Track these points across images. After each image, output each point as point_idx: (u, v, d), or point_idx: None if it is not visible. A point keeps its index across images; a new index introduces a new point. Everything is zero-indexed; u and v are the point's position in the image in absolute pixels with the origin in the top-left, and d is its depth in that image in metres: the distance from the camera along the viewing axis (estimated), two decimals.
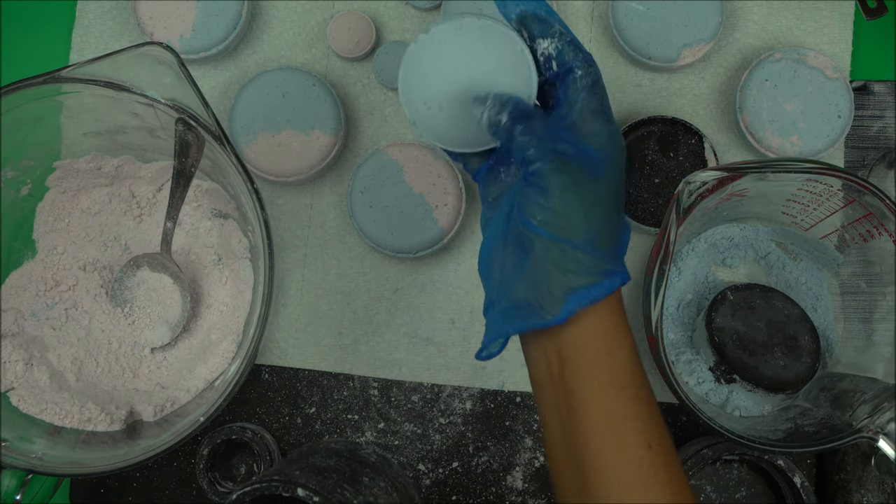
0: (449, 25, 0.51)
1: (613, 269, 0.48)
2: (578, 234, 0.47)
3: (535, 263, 0.48)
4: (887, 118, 0.74)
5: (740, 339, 0.66)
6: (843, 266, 0.68)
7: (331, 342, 0.73)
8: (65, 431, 0.65)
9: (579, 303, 0.47)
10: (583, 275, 0.47)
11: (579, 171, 0.47)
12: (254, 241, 0.68)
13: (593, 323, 0.48)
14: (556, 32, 0.50)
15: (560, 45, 0.49)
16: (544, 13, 0.50)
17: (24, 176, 0.67)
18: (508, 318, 0.49)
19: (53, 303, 0.69)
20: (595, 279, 0.47)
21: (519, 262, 0.48)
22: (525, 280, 0.48)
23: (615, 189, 0.49)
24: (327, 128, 0.72)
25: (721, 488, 0.70)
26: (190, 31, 0.73)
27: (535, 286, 0.48)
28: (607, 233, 0.48)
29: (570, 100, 0.49)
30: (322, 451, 0.58)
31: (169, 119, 0.61)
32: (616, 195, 0.49)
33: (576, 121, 0.48)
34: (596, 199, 0.48)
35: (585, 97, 0.49)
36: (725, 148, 0.74)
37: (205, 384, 0.67)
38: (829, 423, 0.61)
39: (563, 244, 0.47)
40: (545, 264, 0.47)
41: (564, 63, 0.49)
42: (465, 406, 0.73)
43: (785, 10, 0.74)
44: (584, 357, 0.48)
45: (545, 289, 0.47)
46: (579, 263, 0.47)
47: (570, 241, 0.47)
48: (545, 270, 0.47)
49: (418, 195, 0.71)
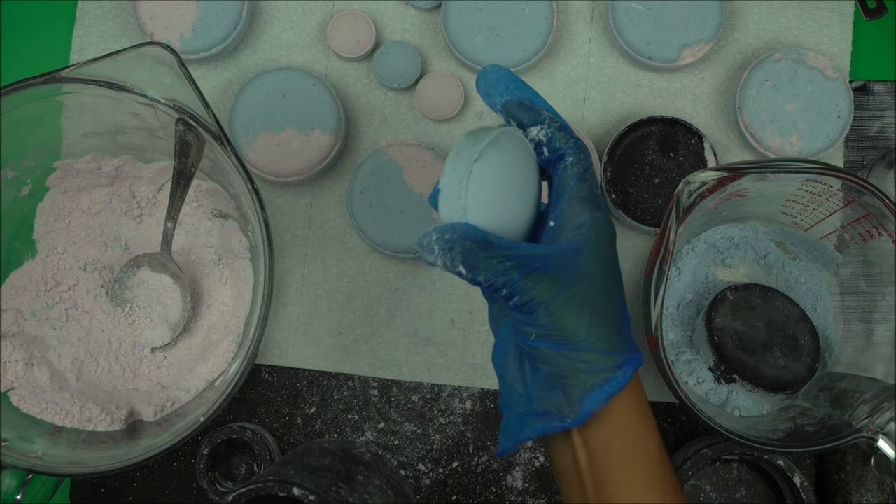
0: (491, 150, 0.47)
1: (625, 360, 0.47)
2: (578, 336, 0.46)
3: (545, 374, 0.47)
4: (887, 118, 0.74)
5: (740, 339, 0.66)
6: (843, 266, 0.68)
7: (331, 342, 0.73)
8: (65, 431, 0.65)
9: (597, 402, 0.46)
10: (595, 373, 0.46)
11: (553, 282, 0.46)
12: (254, 241, 0.68)
13: (617, 414, 0.47)
14: (546, 119, 0.49)
15: (550, 132, 0.48)
16: (530, 100, 0.49)
17: (24, 176, 0.67)
18: (526, 423, 0.48)
19: (54, 303, 0.69)
20: (608, 374, 0.46)
21: (531, 373, 0.48)
22: (539, 389, 0.47)
23: (604, 279, 0.47)
24: (327, 128, 0.72)
25: (721, 488, 0.70)
26: (190, 31, 0.73)
27: (549, 394, 0.47)
28: (608, 325, 0.47)
29: (560, 187, 0.48)
30: (316, 451, 0.58)
31: (169, 119, 0.61)
32: (600, 288, 0.47)
33: (564, 210, 0.48)
34: (585, 298, 0.46)
35: (575, 185, 0.48)
36: (725, 148, 0.74)
37: (205, 384, 0.67)
38: (828, 423, 0.61)
39: (566, 351, 0.46)
40: (555, 372, 0.47)
41: (556, 149, 0.48)
42: (465, 406, 0.73)
43: (785, 10, 0.74)
44: (611, 448, 0.47)
45: (561, 395, 0.47)
46: (588, 363, 0.46)
47: (572, 345, 0.46)
48: (556, 378, 0.47)
49: (418, 195, 0.71)
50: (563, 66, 0.75)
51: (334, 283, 0.74)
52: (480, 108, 0.75)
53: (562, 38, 0.75)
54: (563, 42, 0.75)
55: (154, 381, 0.69)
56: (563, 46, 0.75)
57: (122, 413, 0.66)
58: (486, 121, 0.74)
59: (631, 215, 0.71)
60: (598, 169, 0.71)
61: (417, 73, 0.74)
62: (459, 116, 0.74)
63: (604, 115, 0.74)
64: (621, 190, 0.71)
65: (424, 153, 0.71)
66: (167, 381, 0.69)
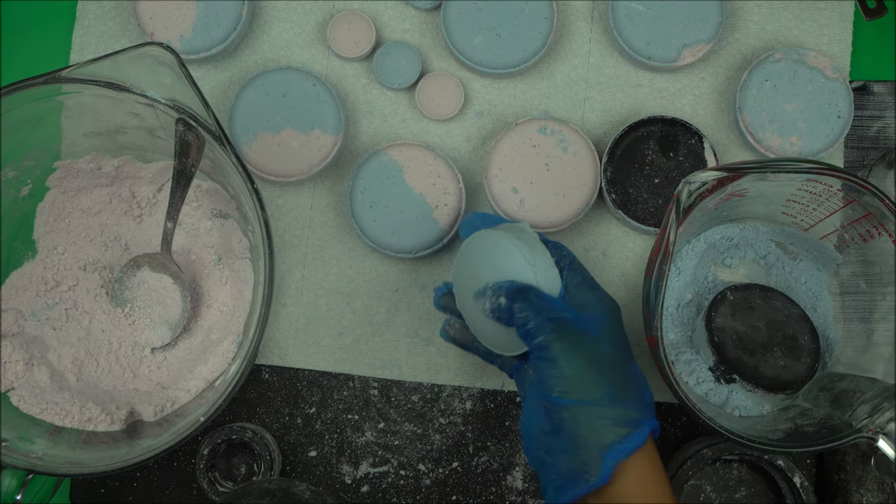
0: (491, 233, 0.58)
1: (642, 418, 0.52)
2: (596, 391, 0.52)
3: (569, 432, 0.52)
4: (887, 118, 0.74)
5: (740, 339, 0.66)
6: (843, 266, 0.68)
7: (331, 342, 0.73)
8: (65, 431, 0.65)
9: (616, 458, 0.51)
10: (613, 429, 0.51)
11: (578, 334, 0.53)
12: (254, 241, 0.68)
13: (634, 475, 0.52)
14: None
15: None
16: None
17: (24, 176, 0.67)
18: (561, 490, 0.53)
19: (54, 303, 0.69)
20: (626, 431, 0.51)
21: (557, 437, 0.53)
22: (565, 451, 0.52)
23: (616, 344, 0.55)
24: (327, 128, 0.72)
25: (721, 488, 0.70)
26: (190, 31, 0.73)
27: (574, 454, 0.52)
28: (623, 384, 0.53)
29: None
30: (255, 492, 0.58)
31: (169, 119, 0.61)
32: (618, 349, 0.55)
33: (569, 293, 0.56)
34: (601, 357, 0.53)
35: (568, 275, 0.56)
36: (725, 148, 0.74)
37: (205, 384, 0.67)
38: (828, 423, 0.61)
39: (586, 406, 0.52)
40: (577, 430, 0.52)
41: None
42: (465, 406, 0.73)
43: (785, 10, 0.74)
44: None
45: (583, 453, 0.52)
46: (606, 419, 0.51)
47: (592, 400, 0.52)
48: (579, 436, 0.52)
49: (418, 195, 0.71)
50: (563, 66, 0.75)
51: (334, 283, 0.74)
52: (480, 108, 0.75)
53: (562, 38, 0.75)
54: (563, 42, 0.75)
55: (154, 381, 0.69)
56: (563, 46, 0.75)
57: (122, 413, 0.66)
58: (486, 120, 0.74)
59: (631, 215, 0.71)
60: (599, 169, 0.71)
61: (417, 73, 0.74)
62: (459, 116, 0.74)
63: (604, 115, 0.74)
64: (621, 190, 0.71)
65: (424, 153, 0.71)
66: (167, 381, 0.69)
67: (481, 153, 0.74)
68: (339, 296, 0.73)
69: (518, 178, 0.71)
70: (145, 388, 0.68)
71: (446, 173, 0.71)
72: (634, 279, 0.73)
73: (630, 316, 0.64)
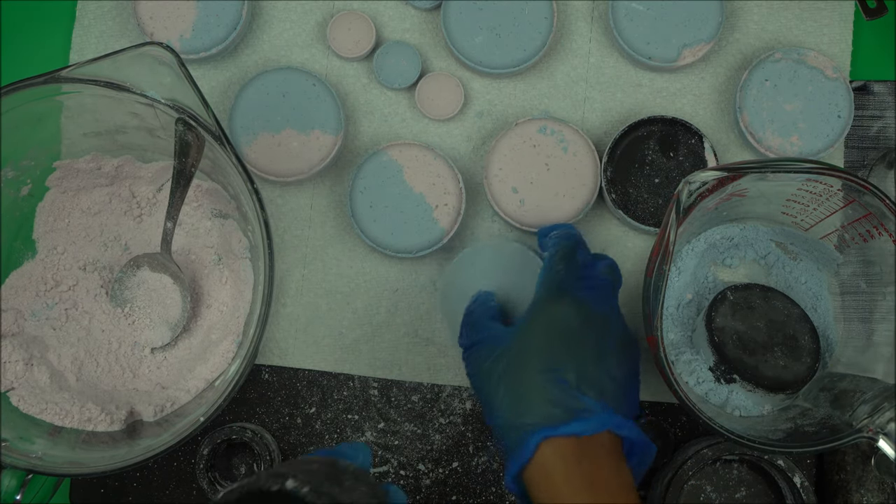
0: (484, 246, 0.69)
1: (601, 413, 0.55)
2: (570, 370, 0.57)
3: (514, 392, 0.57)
4: (887, 118, 0.74)
5: (740, 339, 0.66)
6: (843, 266, 0.68)
7: (331, 342, 0.73)
8: (65, 431, 0.65)
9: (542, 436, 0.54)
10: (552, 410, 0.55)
11: (585, 307, 0.58)
12: (254, 241, 0.68)
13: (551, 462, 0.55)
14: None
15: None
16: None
17: (24, 176, 0.67)
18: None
19: (53, 303, 0.69)
20: (568, 417, 0.55)
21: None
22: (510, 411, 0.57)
23: (537, 353, 0.57)
24: (327, 128, 0.72)
25: (721, 488, 0.70)
26: (190, 31, 0.73)
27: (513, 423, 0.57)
28: (528, 398, 0.56)
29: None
30: (301, 460, 0.58)
31: (169, 119, 0.61)
32: (542, 356, 0.57)
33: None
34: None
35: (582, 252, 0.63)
36: (725, 148, 0.74)
37: (205, 384, 0.67)
38: (829, 423, 0.61)
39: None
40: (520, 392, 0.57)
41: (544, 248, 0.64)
42: (465, 406, 0.73)
43: (785, 10, 0.74)
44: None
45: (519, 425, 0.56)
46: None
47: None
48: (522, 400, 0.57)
49: (418, 195, 0.71)
50: (563, 66, 0.75)
51: (334, 283, 0.74)
52: (480, 108, 0.75)
53: (562, 38, 0.75)
54: (563, 42, 0.75)
55: (154, 381, 0.69)
56: (563, 46, 0.75)
57: (121, 413, 0.66)
58: (486, 120, 0.74)
59: (631, 215, 0.71)
60: (599, 169, 0.71)
61: (417, 73, 0.74)
62: (459, 116, 0.74)
63: (604, 115, 0.74)
64: (621, 190, 0.71)
65: (424, 153, 0.71)
66: (167, 381, 0.69)
67: (481, 153, 0.74)
68: (339, 296, 0.73)
69: (518, 177, 0.71)
70: (145, 388, 0.68)
71: (446, 173, 0.71)
72: (634, 279, 0.73)
73: (630, 316, 0.64)
